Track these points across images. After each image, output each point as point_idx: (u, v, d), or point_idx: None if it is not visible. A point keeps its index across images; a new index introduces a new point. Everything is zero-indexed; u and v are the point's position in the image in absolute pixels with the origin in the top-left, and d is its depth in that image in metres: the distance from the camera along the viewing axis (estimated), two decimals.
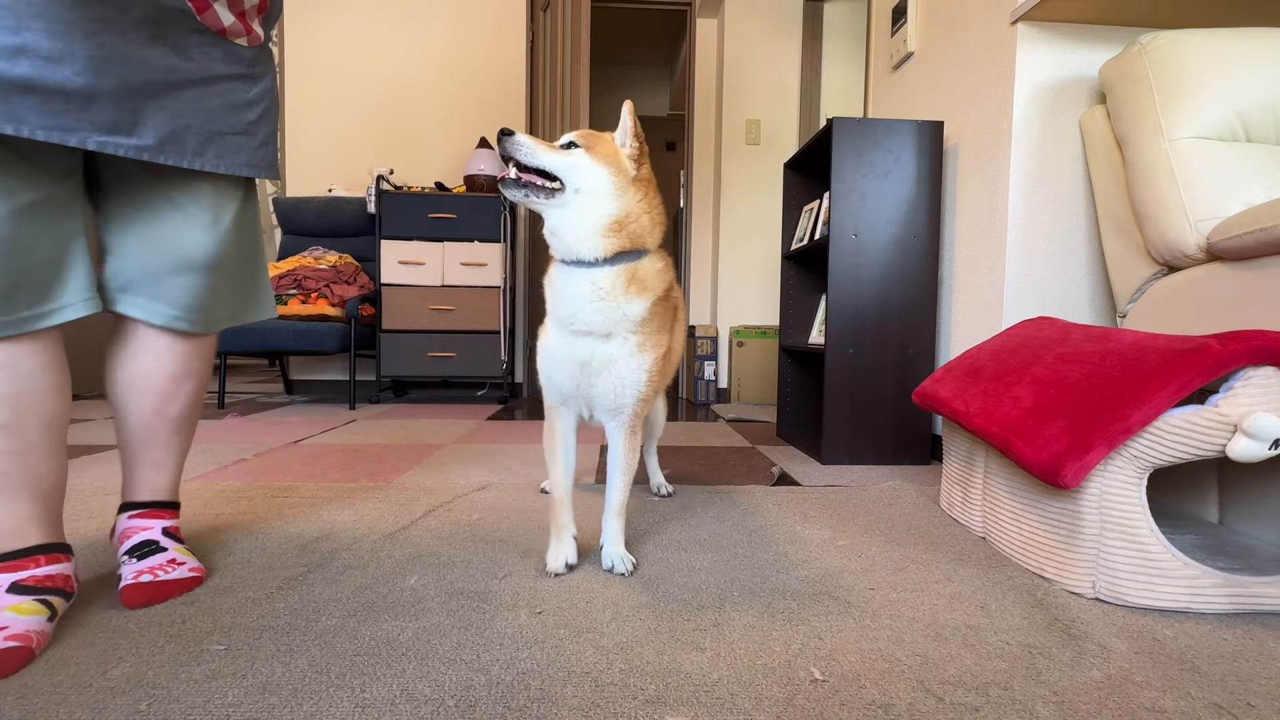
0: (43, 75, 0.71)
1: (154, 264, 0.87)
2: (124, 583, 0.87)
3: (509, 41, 3.52)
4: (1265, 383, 0.85)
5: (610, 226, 0.93)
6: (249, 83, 0.90)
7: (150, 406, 0.94)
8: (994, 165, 1.69)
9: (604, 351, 0.97)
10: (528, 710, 0.64)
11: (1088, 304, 1.66)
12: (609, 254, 0.93)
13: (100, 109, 0.75)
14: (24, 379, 0.77)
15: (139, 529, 0.94)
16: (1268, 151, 1.32)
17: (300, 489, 1.48)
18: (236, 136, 0.89)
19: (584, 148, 0.93)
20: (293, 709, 0.64)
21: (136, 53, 0.77)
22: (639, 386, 0.99)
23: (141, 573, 0.88)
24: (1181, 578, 0.88)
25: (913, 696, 0.68)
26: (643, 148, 0.97)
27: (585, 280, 0.93)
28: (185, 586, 0.90)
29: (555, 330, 1.00)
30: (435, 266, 3.11)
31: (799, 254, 2.19)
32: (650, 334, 0.99)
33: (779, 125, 3.58)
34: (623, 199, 0.94)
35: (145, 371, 0.92)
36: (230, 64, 0.87)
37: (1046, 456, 0.92)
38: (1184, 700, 0.68)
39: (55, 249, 0.79)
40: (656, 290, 0.97)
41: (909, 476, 1.69)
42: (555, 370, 1.00)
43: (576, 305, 0.94)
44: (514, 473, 1.68)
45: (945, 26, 1.92)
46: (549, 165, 0.91)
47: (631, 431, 1.05)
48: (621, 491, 1.06)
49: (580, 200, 0.92)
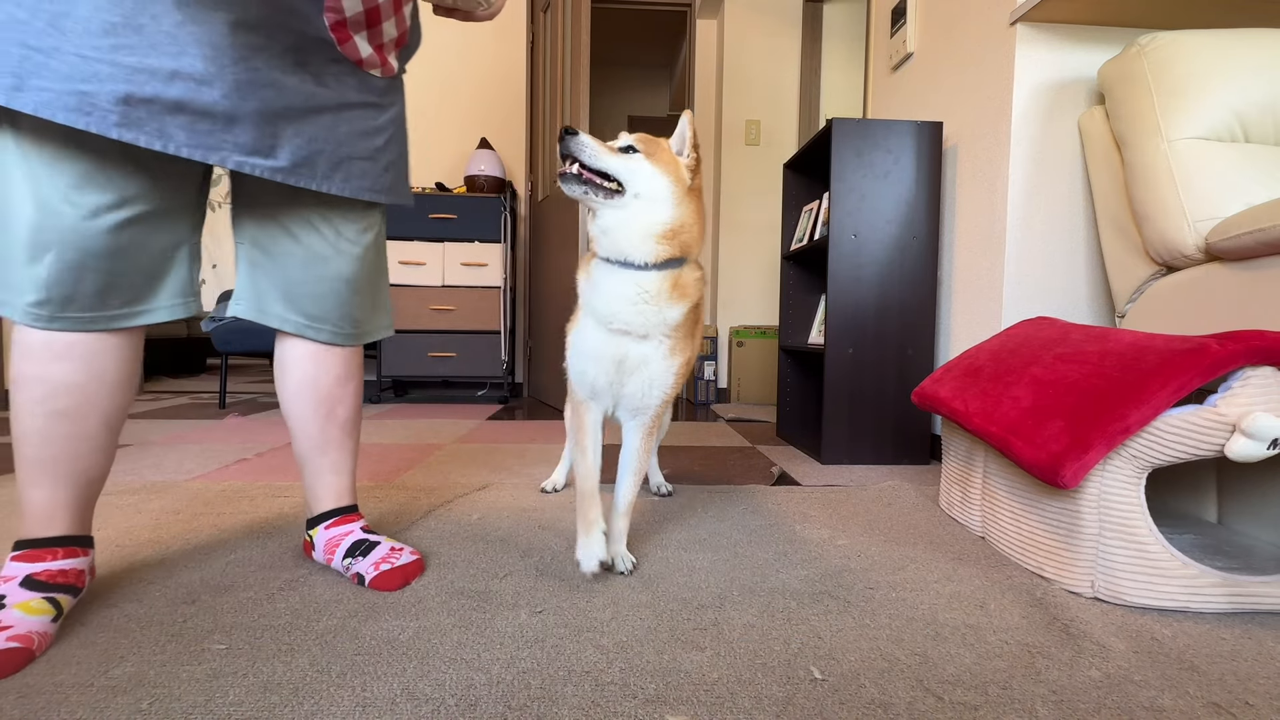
0: (193, 97, 0.74)
1: (294, 280, 0.93)
2: (370, 576, 0.93)
3: (509, 42, 3.53)
4: (1264, 383, 0.85)
5: (664, 234, 0.94)
6: (378, 110, 0.93)
7: (322, 412, 1.00)
8: (993, 165, 1.69)
9: (639, 351, 0.98)
10: (528, 709, 0.65)
11: (1087, 304, 1.66)
12: (659, 260, 0.94)
13: (242, 130, 0.78)
14: (98, 372, 0.80)
15: (344, 535, 1.00)
16: (1266, 152, 1.32)
17: (301, 489, 1.48)
18: (363, 162, 0.91)
19: (644, 154, 0.94)
20: (293, 708, 0.64)
21: (279, 79, 0.80)
22: (666, 388, 1.01)
23: (380, 562, 0.94)
24: (1180, 577, 0.88)
25: (912, 696, 0.68)
26: (699, 159, 0.99)
27: (630, 282, 0.94)
28: (418, 569, 0.98)
29: (590, 325, 1.00)
30: (435, 266, 3.11)
31: (799, 254, 2.20)
32: (682, 338, 1.01)
33: (779, 126, 3.58)
34: (679, 208, 0.95)
35: (310, 377, 0.98)
36: (363, 93, 0.90)
37: (1045, 456, 0.92)
38: (1182, 699, 0.68)
39: (159, 256, 0.83)
40: (694, 298, 0.99)
41: (908, 476, 1.69)
42: (589, 365, 1.01)
43: (618, 305, 0.95)
44: (514, 473, 1.69)
45: (945, 27, 1.92)
46: (612, 169, 0.92)
47: (649, 432, 1.07)
48: (631, 491, 1.07)
49: (638, 205, 0.93)
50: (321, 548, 1.00)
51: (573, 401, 1.08)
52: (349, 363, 1.02)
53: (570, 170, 0.92)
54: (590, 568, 0.96)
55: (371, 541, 0.98)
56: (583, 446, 1.06)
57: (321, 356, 0.98)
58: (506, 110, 3.54)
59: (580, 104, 2.63)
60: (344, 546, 0.98)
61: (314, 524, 1.02)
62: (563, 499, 1.42)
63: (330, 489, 1.03)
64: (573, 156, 0.92)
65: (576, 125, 2.66)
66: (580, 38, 2.64)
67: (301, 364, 0.98)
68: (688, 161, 0.98)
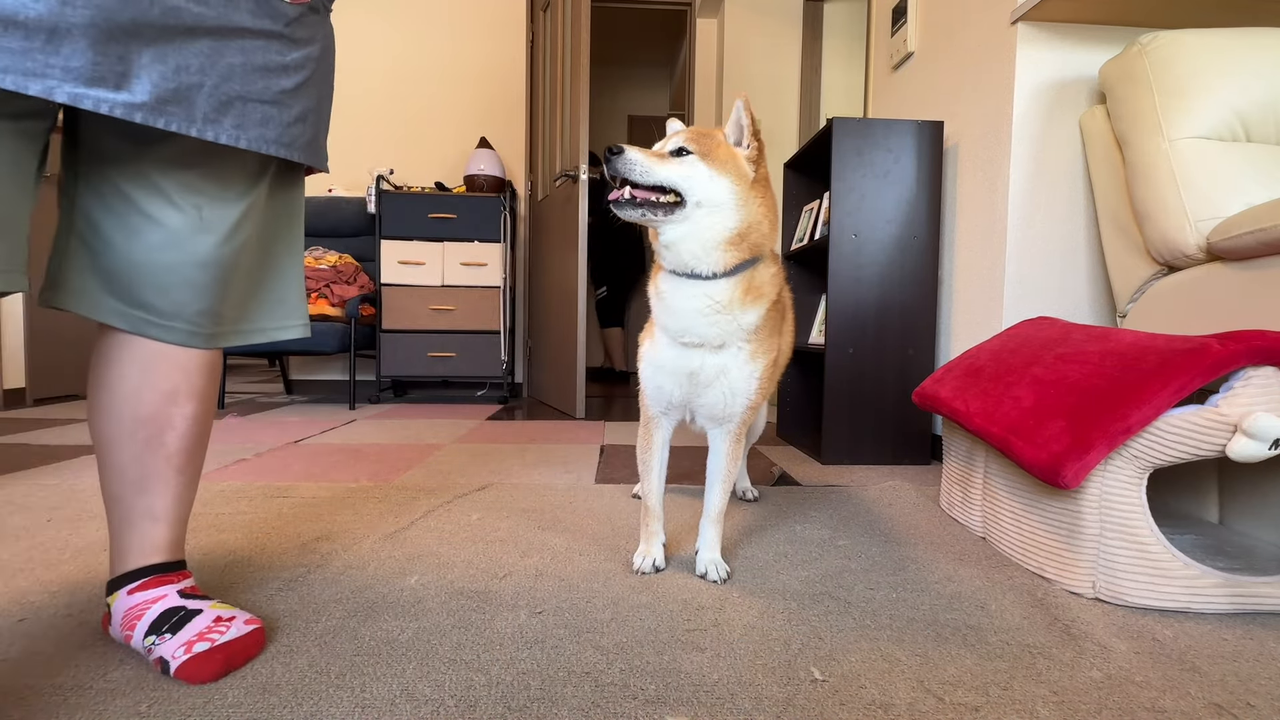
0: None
1: (139, 261, 0.69)
2: (176, 663, 0.68)
3: (509, 41, 3.52)
4: (1265, 383, 0.85)
5: (731, 239, 0.87)
6: (286, 45, 0.72)
7: (141, 436, 0.74)
8: (994, 165, 1.69)
9: (715, 362, 0.94)
10: (528, 710, 0.64)
11: (1088, 304, 1.66)
12: (729, 267, 0.88)
13: (73, 51, 0.57)
14: None
15: (151, 602, 0.73)
16: (1268, 151, 1.32)
17: (300, 489, 1.48)
18: (264, 105, 0.70)
19: (698, 154, 0.86)
20: (293, 709, 0.64)
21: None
22: (749, 395, 0.96)
23: (194, 641, 0.69)
24: (1181, 578, 0.88)
25: (913, 696, 0.68)
26: (761, 146, 0.91)
27: (700, 294, 0.89)
28: (253, 645, 0.73)
29: (664, 341, 0.96)
30: (435, 266, 3.11)
31: (799, 254, 2.19)
32: (762, 340, 0.95)
33: (779, 125, 3.57)
34: (745, 208, 0.87)
35: (131, 389, 0.73)
36: (261, 18, 0.69)
37: (1046, 456, 0.92)
38: (1184, 700, 0.68)
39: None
40: (770, 296, 0.93)
41: (909, 476, 1.69)
42: (665, 380, 0.97)
43: (689, 320, 0.90)
44: (514, 473, 1.68)
45: (945, 26, 1.92)
46: (668, 180, 0.85)
47: (736, 439, 1.02)
48: (721, 499, 1.03)
49: (700, 214, 0.86)
50: (119, 620, 0.73)
51: (642, 417, 1.05)
52: (192, 375, 0.75)
53: (623, 196, 0.85)
54: (641, 567, 1.00)
55: (189, 611, 0.73)
56: (648, 466, 1.04)
57: (152, 364, 0.73)
58: (506, 110, 3.54)
59: (580, 104, 2.63)
60: (148, 619, 0.71)
61: (115, 587, 0.75)
62: (563, 499, 1.42)
63: (144, 540, 0.75)
64: (621, 177, 0.85)
65: (576, 124, 2.66)
66: (580, 37, 2.63)
67: (122, 369, 0.73)
68: (749, 153, 0.89)
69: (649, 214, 0.86)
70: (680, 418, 1.03)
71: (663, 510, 1.06)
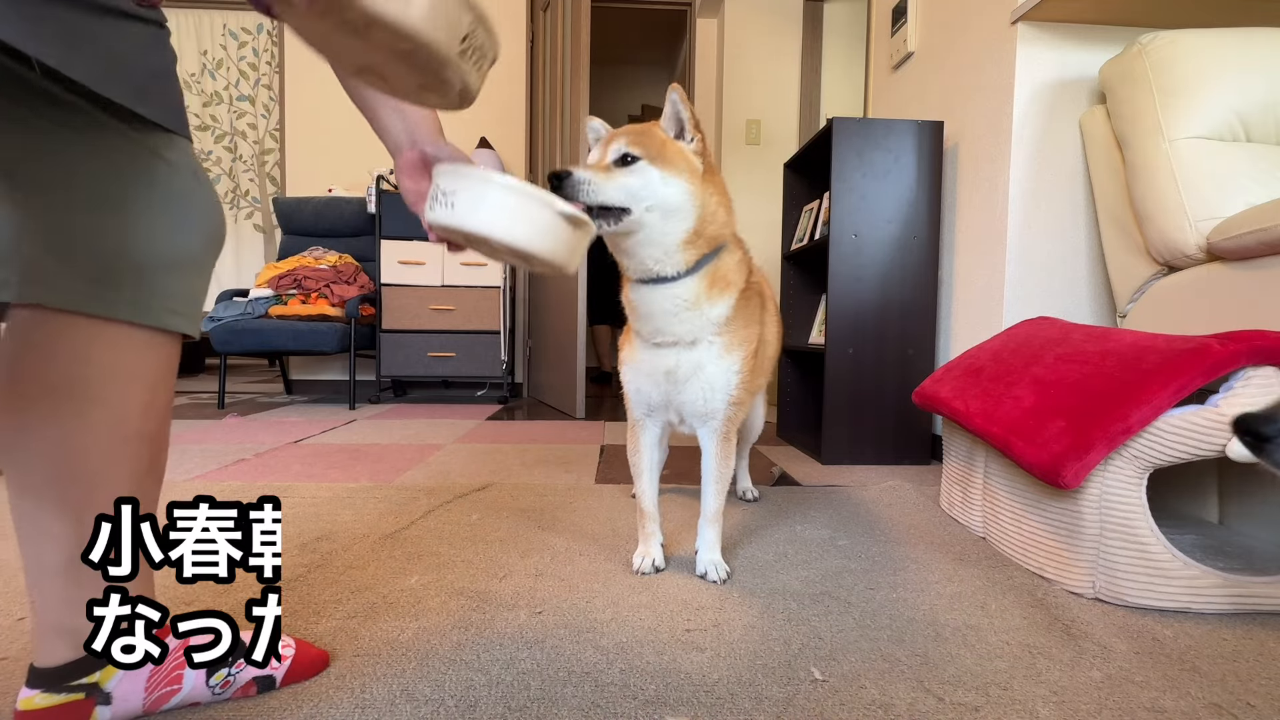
0: None
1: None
2: (280, 673, 0.67)
3: (509, 41, 3.52)
4: (1265, 383, 0.85)
5: (689, 238, 0.86)
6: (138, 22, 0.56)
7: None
8: (994, 165, 1.69)
9: (690, 358, 0.94)
10: (528, 710, 0.64)
11: (1088, 304, 1.66)
12: (691, 265, 0.88)
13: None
14: None
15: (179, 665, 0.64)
16: (1268, 151, 1.32)
17: (300, 489, 1.48)
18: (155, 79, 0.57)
19: (647, 158, 0.84)
20: (293, 710, 0.64)
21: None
22: (729, 390, 0.96)
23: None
24: (1181, 578, 0.88)
25: (913, 696, 0.68)
26: (704, 135, 0.90)
27: (666, 296, 0.89)
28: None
29: (639, 344, 0.97)
30: (435, 266, 3.11)
31: (799, 254, 2.19)
32: (736, 331, 0.95)
33: (779, 125, 3.57)
34: (700, 204, 0.86)
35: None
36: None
37: (1047, 456, 0.92)
38: (1184, 700, 0.68)
39: None
40: (738, 284, 0.93)
41: (909, 476, 1.69)
42: (642, 382, 0.98)
43: (659, 321, 0.91)
44: (514, 473, 1.68)
45: (945, 26, 1.92)
46: (616, 200, 0.82)
47: (724, 437, 1.02)
48: (716, 499, 1.03)
49: (653, 219, 0.84)
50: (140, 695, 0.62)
51: (629, 420, 1.06)
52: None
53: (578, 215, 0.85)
54: (641, 568, 1.00)
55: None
56: (639, 469, 1.05)
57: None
58: (506, 109, 3.54)
59: (580, 103, 2.63)
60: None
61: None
62: (563, 499, 1.42)
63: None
64: (574, 200, 0.81)
65: (576, 124, 2.65)
66: (580, 37, 2.63)
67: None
68: (695, 146, 0.88)
69: (605, 224, 0.83)
70: (666, 419, 1.04)
71: (658, 511, 1.06)
